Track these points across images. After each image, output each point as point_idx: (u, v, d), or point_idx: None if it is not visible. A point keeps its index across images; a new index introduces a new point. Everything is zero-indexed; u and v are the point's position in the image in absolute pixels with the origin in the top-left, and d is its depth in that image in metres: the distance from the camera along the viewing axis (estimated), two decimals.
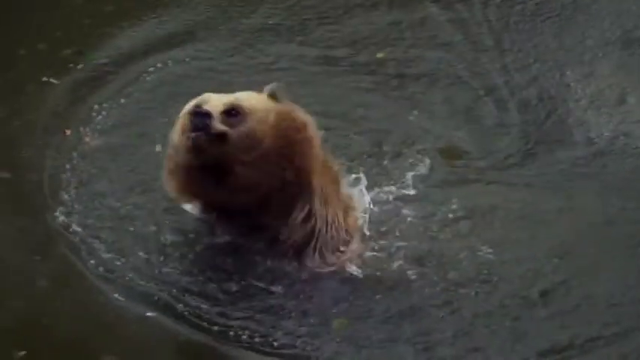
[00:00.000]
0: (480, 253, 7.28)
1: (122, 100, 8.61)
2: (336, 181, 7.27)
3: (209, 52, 9.31)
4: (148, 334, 6.82)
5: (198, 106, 6.92)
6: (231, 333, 6.77)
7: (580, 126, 8.52)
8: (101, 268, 7.07)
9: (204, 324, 6.82)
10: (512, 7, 9.91)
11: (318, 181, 7.08)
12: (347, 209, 7.29)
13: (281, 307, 6.90)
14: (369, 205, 7.50)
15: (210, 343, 6.73)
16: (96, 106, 8.50)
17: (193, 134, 6.82)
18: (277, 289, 7.00)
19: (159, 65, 9.11)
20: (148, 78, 8.95)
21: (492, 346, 6.72)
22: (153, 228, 7.33)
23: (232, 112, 6.92)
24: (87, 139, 8.13)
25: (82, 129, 8.24)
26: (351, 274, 7.11)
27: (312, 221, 7.08)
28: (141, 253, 7.18)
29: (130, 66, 9.07)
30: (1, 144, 8.13)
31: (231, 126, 6.88)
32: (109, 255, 7.14)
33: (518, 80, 9.05)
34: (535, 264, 7.24)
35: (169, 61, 9.15)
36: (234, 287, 7.01)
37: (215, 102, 6.95)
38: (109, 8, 9.72)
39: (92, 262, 7.10)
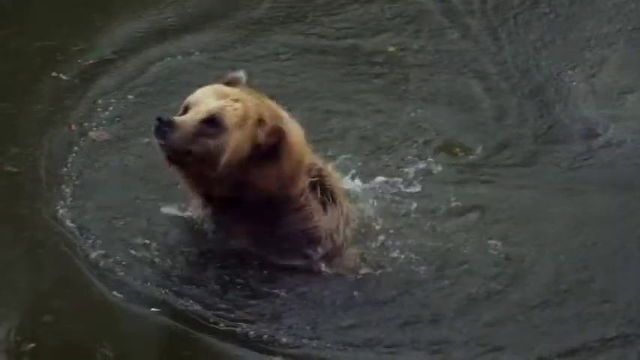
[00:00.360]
0: (486, 251, 7.28)
1: (129, 96, 8.65)
2: (336, 180, 7.11)
3: (215, 45, 9.33)
4: (149, 333, 6.82)
5: (161, 117, 6.60)
6: (237, 330, 6.73)
7: (581, 123, 8.52)
8: (102, 264, 7.05)
9: (207, 322, 6.78)
10: (512, 2, 9.90)
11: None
12: (347, 207, 7.14)
13: (287, 308, 6.87)
14: (369, 201, 7.49)
15: (212, 342, 6.70)
16: (101, 101, 8.54)
17: (155, 140, 6.63)
18: (282, 290, 6.94)
19: (168, 59, 9.15)
20: (154, 71, 8.98)
21: (507, 347, 6.70)
22: (156, 226, 7.28)
23: (211, 123, 6.62)
24: (92, 135, 8.19)
25: (86, 124, 8.28)
26: (355, 274, 7.05)
27: (314, 220, 6.96)
28: (143, 251, 7.13)
29: (136, 60, 9.11)
30: (8, 139, 8.16)
31: (206, 136, 6.59)
32: (109, 252, 7.12)
33: (520, 78, 9.05)
34: (541, 262, 7.24)
35: (178, 55, 9.19)
36: (238, 286, 6.95)
37: (201, 107, 6.65)
38: (115, 5, 9.77)
39: (92, 258, 7.08)
